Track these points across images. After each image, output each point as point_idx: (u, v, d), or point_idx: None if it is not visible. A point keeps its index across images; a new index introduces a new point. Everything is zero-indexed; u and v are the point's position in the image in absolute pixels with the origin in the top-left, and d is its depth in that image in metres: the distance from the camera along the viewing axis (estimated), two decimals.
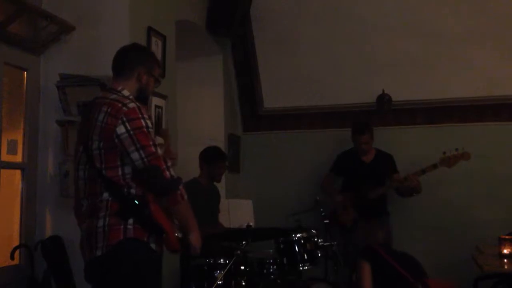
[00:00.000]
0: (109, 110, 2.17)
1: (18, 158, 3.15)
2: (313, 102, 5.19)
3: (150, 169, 2.13)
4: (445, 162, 4.23)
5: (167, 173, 2.14)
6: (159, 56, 3.57)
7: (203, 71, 5.10)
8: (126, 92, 2.30)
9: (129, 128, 2.14)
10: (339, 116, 5.14)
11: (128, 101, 2.21)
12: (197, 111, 5.04)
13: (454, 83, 4.76)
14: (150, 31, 3.50)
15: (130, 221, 2.15)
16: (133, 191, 2.18)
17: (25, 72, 3.22)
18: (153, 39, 3.54)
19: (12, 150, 3.12)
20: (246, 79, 5.35)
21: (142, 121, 2.17)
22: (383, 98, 4.90)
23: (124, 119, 2.14)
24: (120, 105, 2.18)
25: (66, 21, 3.23)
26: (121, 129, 2.13)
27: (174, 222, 2.35)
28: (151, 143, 2.15)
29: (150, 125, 2.20)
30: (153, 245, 2.22)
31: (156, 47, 3.56)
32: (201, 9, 4.60)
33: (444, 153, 4.21)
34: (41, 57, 3.29)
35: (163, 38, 3.69)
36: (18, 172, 3.16)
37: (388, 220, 4.46)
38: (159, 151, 2.17)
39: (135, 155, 2.13)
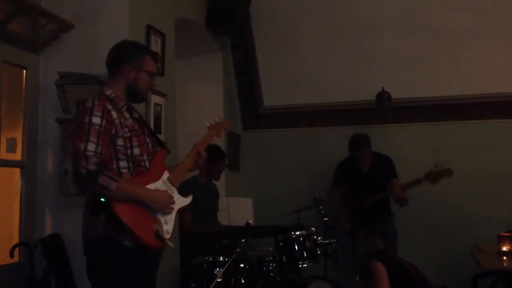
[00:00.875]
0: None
1: (18, 156, 3.16)
2: (313, 100, 5.19)
3: (73, 164, 2.19)
4: (429, 178, 4.14)
5: (82, 168, 2.09)
6: (156, 52, 3.57)
7: (202, 70, 5.10)
8: (108, 91, 2.34)
9: (75, 126, 2.25)
10: (339, 114, 5.15)
11: (89, 101, 2.24)
12: (196, 109, 5.04)
13: (454, 81, 4.76)
14: (150, 29, 3.50)
15: (103, 218, 2.19)
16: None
17: (24, 71, 3.23)
18: (153, 37, 3.54)
19: (11, 148, 3.13)
20: (245, 77, 5.36)
21: (87, 117, 2.18)
22: (383, 96, 4.90)
23: (76, 118, 2.26)
24: (81, 107, 2.26)
25: (65, 19, 3.23)
26: (72, 128, 2.28)
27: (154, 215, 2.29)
28: (83, 138, 2.14)
29: (96, 121, 2.17)
30: (127, 242, 2.20)
31: (155, 45, 3.56)
32: (201, 7, 4.60)
33: (436, 165, 4.11)
34: (41, 55, 3.30)
35: (163, 36, 3.68)
36: (17, 170, 3.17)
37: (392, 220, 4.44)
38: (91, 147, 2.12)
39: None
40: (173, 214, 2.35)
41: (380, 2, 4.69)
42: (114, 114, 2.26)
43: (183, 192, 2.46)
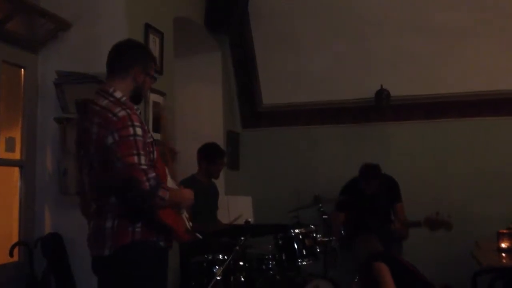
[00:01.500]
0: (100, 121, 2.14)
1: (17, 155, 3.16)
2: (312, 98, 5.19)
3: (128, 180, 2.06)
4: (428, 225, 4.04)
5: (146, 184, 2.04)
6: (156, 53, 3.58)
7: (201, 69, 5.10)
8: (118, 94, 2.23)
9: (116, 138, 2.08)
10: (338, 112, 5.15)
11: (118, 109, 2.14)
12: (195, 108, 5.05)
13: (452, 79, 4.76)
14: (148, 28, 3.50)
15: (138, 223, 2.16)
16: None
17: (23, 70, 3.23)
18: (151, 36, 3.55)
19: (10, 147, 3.13)
20: (244, 76, 5.35)
21: (131, 129, 2.10)
22: (381, 94, 4.90)
23: (114, 129, 2.09)
24: (110, 115, 2.12)
25: (64, 18, 3.23)
26: (109, 140, 2.09)
27: (181, 213, 2.37)
28: (134, 151, 2.07)
29: (139, 132, 2.11)
30: (161, 243, 2.24)
31: (154, 44, 3.57)
32: (199, 6, 4.60)
33: (437, 213, 4.00)
34: (39, 55, 3.30)
35: (161, 35, 3.68)
36: (16, 170, 3.17)
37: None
38: (143, 160, 2.08)
39: (117, 165, 2.08)
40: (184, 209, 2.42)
41: (379, 0, 4.68)
42: (143, 121, 2.22)
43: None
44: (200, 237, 2.45)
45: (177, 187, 2.42)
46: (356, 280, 3.61)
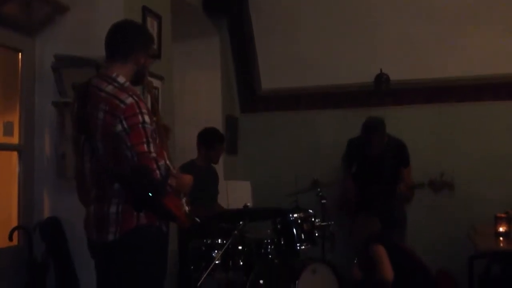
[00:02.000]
0: (107, 108, 2.10)
1: (15, 140, 3.16)
2: (311, 82, 5.17)
3: (139, 169, 2.05)
4: (432, 186, 4.07)
5: (157, 173, 2.03)
6: (154, 37, 3.55)
7: (200, 53, 5.07)
8: (121, 79, 2.19)
9: (125, 126, 2.05)
10: (337, 96, 5.13)
11: (125, 95, 2.10)
12: (194, 92, 5.03)
13: (453, 62, 4.73)
14: (146, 11, 3.47)
15: (142, 211, 2.16)
16: None
17: (20, 54, 3.20)
18: (149, 19, 3.52)
19: (8, 132, 3.13)
20: (243, 60, 5.33)
21: (140, 116, 2.07)
22: (381, 78, 4.88)
23: (122, 117, 2.06)
24: (117, 102, 2.08)
25: (61, 2, 3.20)
26: (118, 128, 2.06)
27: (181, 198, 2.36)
28: (144, 140, 2.05)
29: (147, 120, 2.09)
30: (164, 227, 2.25)
31: (151, 27, 3.54)
32: None
33: (442, 174, 4.02)
34: (36, 38, 3.27)
35: (159, 19, 3.66)
36: (14, 154, 3.16)
37: (403, 206, 4.38)
38: (152, 148, 2.07)
39: (127, 153, 2.06)
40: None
41: None
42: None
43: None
44: (199, 221, 2.46)
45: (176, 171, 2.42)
46: (355, 262, 3.64)
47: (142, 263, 2.17)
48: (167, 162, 2.16)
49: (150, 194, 2.06)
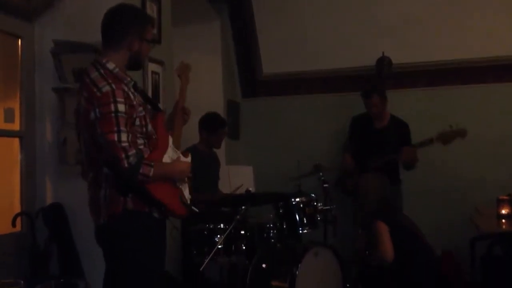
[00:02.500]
0: (86, 95, 2.13)
1: (16, 126, 3.15)
2: (312, 66, 5.14)
3: (109, 158, 2.07)
4: (441, 139, 4.02)
5: (124, 162, 2.03)
6: (154, 21, 3.52)
7: (200, 38, 5.04)
8: (110, 65, 2.19)
9: (98, 114, 2.07)
10: (339, 80, 5.10)
11: (103, 83, 2.10)
12: (195, 77, 4.94)
13: (455, 45, 4.69)
14: None
15: (128, 196, 2.17)
16: None
17: (20, 40, 3.18)
18: (148, 3, 3.48)
19: (9, 118, 3.12)
20: (244, 45, 5.29)
21: (112, 105, 2.06)
22: (383, 61, 4.85)
23: (95, 104, 2.08)
24: (95, 89, 2.10)
25: None
26: (92, 116, 2.09)
27: (178, 186, 2.35)
28: (114, 129, 2.05)
29: (121, 109, 2.08)
30: (155, 214, 2.24)
31: (151, 11, 3.50)
32: None
33: (451, 126, 4.00)
34: (35, 24, 3.25)
35: (159, 3, 3.62)
36: (16, 140, 3.16)
37: (400, 189, 4.38)
38: (124, 138, 2.06)
39: (100, 141, 2.09)
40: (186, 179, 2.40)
41: None
42: (131, 95, 2.18)
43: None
44: (197, 210, 2.44)
45: (179, 155, 2.40)
46: (360, 232, 3.64)
47: (129, 250, 2.18)
48: (167, 152, 2.20)
49: (132, 183, 2.10)
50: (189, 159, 2.46)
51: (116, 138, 2.05)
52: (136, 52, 2.28)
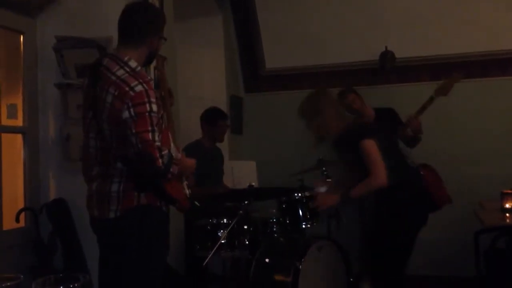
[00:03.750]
0: (116, 93, 2.10)
1: (19, 122, 3.16)
2: (316, 61, 5.13)
3: (143, 156, 2.08)
4: (441, 91, 3.96)
5: (160, 161, 2.07)
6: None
7: (203, 32, 5.03)
8: (133, 63, 2.19)
9: (132, 113, 2.07)
10: (342, 75, 5.09)
11: (135, 83, 2.09)
12: (197, 73, 5.00)
13: (458, 39, 4.68)
14: None
15: (143, 193, 2.19)
16: None
17: (22, 36, 3.18)
18: None
19: (12, 114, 3.13)
20: (247, 39, 5.28)
21: (147, 105, 2.08)
22: (386, 55, 4.83)
23: (130, 104, 2.07)
24: (127, 88, 2.09)
25: None
26: (125, 114, 2.07)
27: (182, 181, 2.41)
28: (149, 128, 2.07)
29: (155, 109, 2.11)
30: (164, 208, 2.29)
31: None
32: None
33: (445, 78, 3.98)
34: (37, 19, 3.25)
35: None
36: (19, 137, 3.17)
37: None
38: (157, 137, 2.09)
39: (132, 139, 2.08)
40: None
41: None
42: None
43: (187, 156, 2.49)
44: (198, 204, 2.49)
45: (181, 155, 2.41)
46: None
47: (141, 242, 2.19)
48: (171, 150, 2.19)
49: (153, 181, 2.13)
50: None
51: (151, 138, 2.07)
52: (154, 49, 2.31)
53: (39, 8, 3.20)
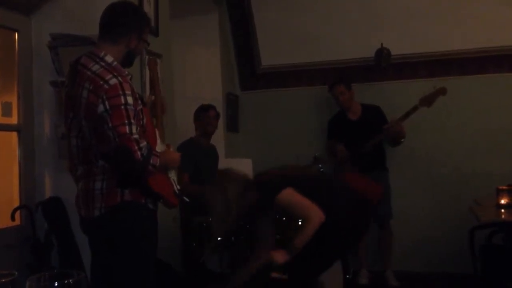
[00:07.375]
0: (91, 87, 2.10)
1: (14, 120, 3.15)
2: (311, 58, 5.13)
3: (120, 150, 2.06)
4: (425, 102, 4.17)
5: (138, 154, 2.06)
6: (151, 13, 3.51)
7: (198, 30, 5.02)
8: (109, 58, 2.19)
9: (107, 106, 2.05)
10: (338, 72, 5.08)
11: (109, 76, 2.09)
12: (193, 71, 4.99)
13: (454, 35, 4.68)
14: None
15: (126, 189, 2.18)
16: None
17: (16, 34, 3.17)
18: None
19: (7, 112, 3.12)
20: (242, 37, 5.28)
21: (122, 98, 2.07)
22: (382, 52, 4.84)
23: (104, 97, 2.06)
24: (101, 82, 2.08)
25: None
26: (100, 108, 2.06)
27: (169, 176, 2.39)
28: (125, 121, 2.06)
29: (130, 101, 2.09)
30: (151, 205, 2.27)
31: (148, 4, 3.49)
32: None
33: (434, 86, 4.13)
34: (32, 17, 3.23)
35: None
36: (14, 135, 3.16)
37: (387, 176, 4.48)
38: (134, 130, 2.08)
39: (109, 134, 2.07)
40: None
41: None
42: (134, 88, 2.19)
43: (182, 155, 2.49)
44: (187, 200, 2.47)
45: (165, 148, 2.43)
46: None
47: (128, 239, 2.19)
48: (158, 142, 2.21)
49: (132, 175, 2.12)
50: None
51: (127, 131, 2.06)
52: (133, 49, 2.30)
53: (34, 6, 3.19)
